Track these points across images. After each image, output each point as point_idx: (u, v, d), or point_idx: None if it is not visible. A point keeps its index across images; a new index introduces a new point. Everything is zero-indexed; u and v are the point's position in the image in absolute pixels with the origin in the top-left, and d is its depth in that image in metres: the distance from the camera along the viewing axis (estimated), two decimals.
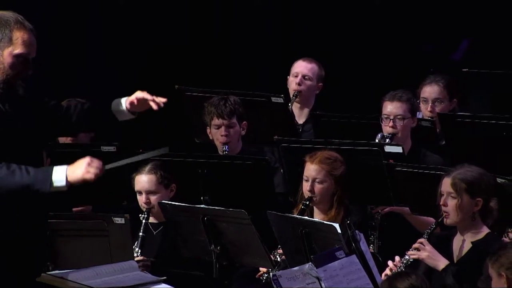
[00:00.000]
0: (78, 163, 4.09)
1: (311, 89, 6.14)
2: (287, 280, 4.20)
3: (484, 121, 5.30)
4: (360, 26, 7.44)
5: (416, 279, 4.01)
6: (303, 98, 6.14)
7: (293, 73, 6.18)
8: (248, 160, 5.38)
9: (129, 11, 7.44)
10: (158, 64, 7.39)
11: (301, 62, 6.16)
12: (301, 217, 4.91)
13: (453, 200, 4.65)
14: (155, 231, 5.29)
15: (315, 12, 7.52)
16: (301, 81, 6.12)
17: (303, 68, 6.12)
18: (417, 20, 7.38)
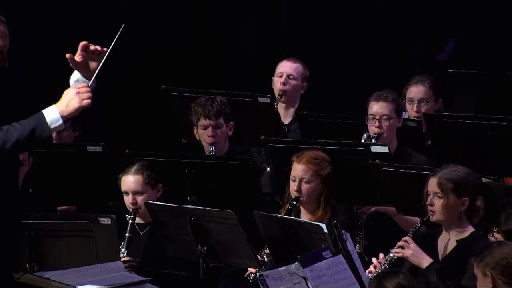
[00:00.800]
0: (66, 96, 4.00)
1: (296, 89, 6.12)
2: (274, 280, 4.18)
3: (469, 121, 5.30)
4: (347, 26, 7.43)
5: (404, 278, 4.00)
6: (288, 98, 6.12)
7: (277, 73, 6.16)
8: (235, 160, 5.36)
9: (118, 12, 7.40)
10: (144, 64, 7.38)
11: (285, 62, 6.14)
12: (288, 217, 4.89)
13: (439, 200, 4.65)
14: (141, 231, 5.26)
15: (301, 12, 7.50)
16: (286, 80, 6.10)
17: (288, 68, 6.10)
18: (404, 20, 7.38)
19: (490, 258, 4.05)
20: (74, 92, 3.99)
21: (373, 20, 7.42)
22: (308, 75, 6.14)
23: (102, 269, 4.30)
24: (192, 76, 7.24)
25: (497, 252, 4.05)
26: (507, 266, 4.03)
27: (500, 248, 4.08)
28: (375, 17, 7.42)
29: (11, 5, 7.08)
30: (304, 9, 7.47)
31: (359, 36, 7.41)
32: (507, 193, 4.78)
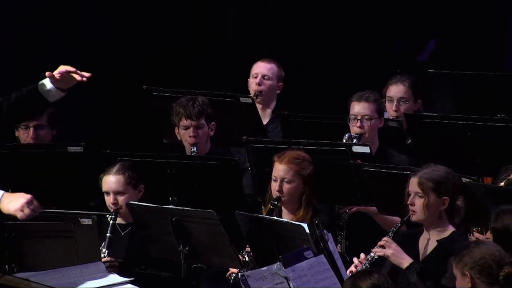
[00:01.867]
0: (17, 196, 4.02)
1: (272, 89, 6.09)
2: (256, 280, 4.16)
3: (449, 121, 5.30)
4: (328, 27, 7.42)
5: (379, 278, 3.97)
6: (265, 98, 6.09)
7: (252, 74, 6.13)
8: (217, 160, 5.32)
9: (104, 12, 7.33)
10: (126, 64, 7.32)
11: (259, 63, 6.12)
12: (270, 217, 4.87)
13: (420, 200, 4.64)
14: (122, 232, 5.21)
15: (283, 13, 7.48)
16: (261, 81, 6.07)
17: (262, 69, 6.07)
18: (386, 20, 7.37)
19: (469, 257, 4.04)
20: (24, 200, 3.99)
21: (355, 20, 7.41)
22: (283, 75, 6.11)
23: (82, 270, 4.23)
24: (173, 76, 7.20)
25: (475, 252, 4.04)
26: (485, 266, 4.01)
27: (478, 248, 4.06)
28: (357, 18, 7.41)
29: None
30: (286, 9, 7.45)
31: (340, 37, 7.40)
32: (487, 193, 4.77)
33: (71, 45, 7.15)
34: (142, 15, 7.35)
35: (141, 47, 7.36)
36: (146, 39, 7.35)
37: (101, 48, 7.29)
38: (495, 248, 4.08)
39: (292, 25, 7.46)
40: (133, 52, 7.34)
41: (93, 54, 7.21)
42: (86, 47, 7.19)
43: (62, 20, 7.16)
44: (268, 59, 6.12)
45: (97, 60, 7.20)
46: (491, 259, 4.02)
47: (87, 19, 7.24)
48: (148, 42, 7.38)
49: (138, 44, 7.36)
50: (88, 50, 7.19)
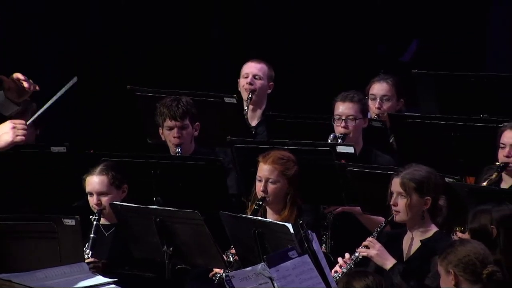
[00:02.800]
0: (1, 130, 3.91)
1: (263, 89, 6.05)
2: (240, 280, 4.12)
3: (433, 121, 5.30)
4: (312, 27, 7.41)
5: (373, 280, 3.96)
6: (256, 99, 6.04)
7: (243, 74, 6.09)
8: (202, 160, 5.28)
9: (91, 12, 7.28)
10: (109, 64, 7.27)
11: (250, 63, 6.08)
12: (254, 217, 4.83)
13: (403, 200, 4.63)
14: (106, 232, 5.16)
15: (268, 13, 7.46)
16: (252, 80, 6.03)
17: (253, 69, 6.03)
18: (369, 21, 7.36)
19: (453, 255, 4.03)
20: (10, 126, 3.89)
21: (339, 21, 7.39)
22: (273, 75, 6.09)
23: (66, 271, 4.17)
24: (158, 76, 7.15)
25: (460, 250, 4.03)
26: (469, 264, 4.01)
27: (463, 246, 4.05)
28: (341, 18, 7.39)
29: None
30: (271, 10, 7.42)
31: (324, 37, 7.39)
32: (470, 192, 4.76)
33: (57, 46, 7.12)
34: (127, 16, 7.33)
35: (125, 47, 7.32)
36: (130, 39, 7.30)
37: (84, 49, 7.25)
38: (480, 247, 4.07)
39: (277, 26, 7.44)
40: (117, 52, 7.29)
41: (76, 55, 7.16)
42: (69, 47, 7.13)
43: (45, 21, 7.13)
44: (258, 59, 6.08)
45: (79, 61, 7.15)
46: (475, 257, 4.02)
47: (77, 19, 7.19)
48: (132, 42, 7.34)
49: (122, 44, 7.31)
50: (72, 50, 7.14)
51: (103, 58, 7.28)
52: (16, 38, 7.02)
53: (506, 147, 4.91)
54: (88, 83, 7.07)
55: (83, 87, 7.07)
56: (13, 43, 6.95)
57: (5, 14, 6.54)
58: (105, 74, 7.22)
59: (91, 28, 7.26)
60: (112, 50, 7.30)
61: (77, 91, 6.92)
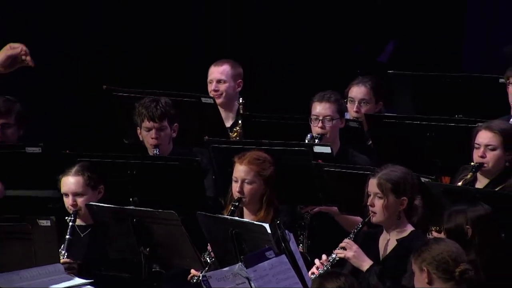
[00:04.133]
0: None
1: (229, 91, 5.98)
2: (217, 280, 4.09)
3: (409, 122, 5.28)
4: (289, 27, 7.38)
5: (346, 281, 3.92)
6: (224, 101, 5.98)
7: (208, 80, 6.05)
8: (178, 161, 5.22)
9: None
10: (86, 64, 7.20)
11: (212, 68, 6.03)
12: (231, 217, 4.78)
13: (379, 200, 4.62)
14: (82, 233, 5.09)
15: (245, 13, 7.41)
16: (216, 86, 5.97)
17: (216, 74, 5.98)
18: (347, 21, 7.34)
19: (427, 253, 4.01)
20: None
21: (316, 22, 7.36)
22: (240, 71, 6.01)
23: (41, 272, 4.10)
24: (136, 75, 7.08)
25: (434, 248, 4.01)
26: (442, 262, 3.99)
27: (437, 245, 4.04)
28: (317, 19, 7.36)
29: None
30: (247, 9, 7.38)
31: (301, 37, 7.35)
32: (445, 192, 4.74)
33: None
34: (105, 15, 7.24)
35: (102, 47, 7.25)
36: (106, 39, 7.23)
37: (62, 48, 7.15)
38: (454, 246, 4.06)
39: (254, 26, 7.39)
40: (94, 52, 7.21)
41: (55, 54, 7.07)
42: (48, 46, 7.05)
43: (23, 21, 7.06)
44: (221, 61, 6.01)
45: (57, 60, 7.05)
46: (448, 255, 4.00)
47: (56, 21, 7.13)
48: (108, 42, 7.26)
49: (99, 44, 7.24)
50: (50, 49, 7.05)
51: (79, 58, 7.20)
52: None
53: (480, 148, 4.89)
54: (64, 83, 6.99)
55: (59, 87, 7.01)
56: None
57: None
58: (80, 74, 7.15)
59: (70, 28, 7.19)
60: (90, 50, 7.20)
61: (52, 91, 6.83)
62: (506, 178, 4.83)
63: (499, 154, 4.84)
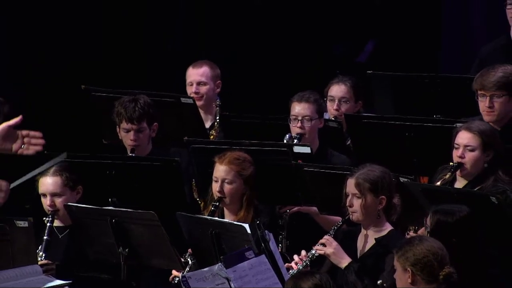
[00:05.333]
0: None
1: (210, 93, 5.91)
2: (197, 281, 4.05)
3: (388, 122, 5.26)
4: (269, 27, 7.33)
5: (320, 279, 3.90)
6: (205, 103, 5.91)
7: (188, 83, 5.97)
8: (158, 161, 5.15)
9: None
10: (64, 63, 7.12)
11: (191, 70, 5.94)
12: (211, 218, 4.74)
13: (358, 200, 4.59)
14: (60, 234, 5.02)
15: (225, 12, 7.37)
16: (197, 89, 5.90)
17: (196, 76, 5.90)
18: (327, 21, 7.32)
19: (411, 253, 3.97)
20: None
21: (295, 21, 7.34)
22: (219, 72, 5.95)
23: (18, 273, 4.02)
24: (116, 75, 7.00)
25: (419, 249, 3.97)
26: (427, 264, 3.95)
27: (422, 245, 4.00)
28: (298, 19, 7.34)
29: None
30: (227, 9, 7.33)
31: (280, 37, 7.32)
32: (423, 192, 4.71)
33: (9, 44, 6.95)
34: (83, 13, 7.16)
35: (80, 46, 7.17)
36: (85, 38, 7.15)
37: (38, 47, 7.06)
38: (438, 246, 4.03)
39: (234, 26, 7.35)
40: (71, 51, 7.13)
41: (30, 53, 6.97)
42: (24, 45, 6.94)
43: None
44: (200, 63, 5.94)
45: (33, 60, 6.94)
46: (434, 258, 3.97)
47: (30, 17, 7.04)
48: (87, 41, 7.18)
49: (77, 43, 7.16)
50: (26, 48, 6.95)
51: (56, 57, 7.11)
52: None
53: (460, 148, 4.86)
54: (41, 83, 6.90)
55: (36, 87, 6.90)
56: None
57: None
58: (58, 74, 7.06)
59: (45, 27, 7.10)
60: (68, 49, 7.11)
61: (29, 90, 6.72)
62: (485, 179, 4.80)
63: (478, 155, 4.81)
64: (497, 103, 5.06)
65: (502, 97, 5.05)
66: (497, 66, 5.12)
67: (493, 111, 5.06)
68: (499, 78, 5.04)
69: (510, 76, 5.07)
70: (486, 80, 5.05)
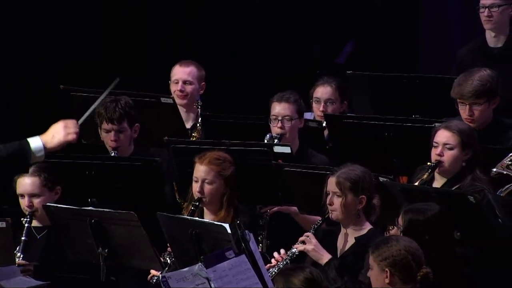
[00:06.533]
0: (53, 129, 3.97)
1: (194, 93, 5.85)
2: (177, 281, 3.97)
3: (367, 122, 5.23)
4: (249, 27, 7.29)
5: (310, 272, 3.86)
6: (188, 102, 5.84)
7: (173, 80, 5.87)
8: (138, 161, 5.08)
9: None
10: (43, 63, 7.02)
11: (178, 68, 5.84)
12: (191, 218, 4.68)
13: (338, 199, 4.57)
14: (38, 235, 4.94)
15: (204, 13, 7.30)
16: (183, 87, 5.82)
17: (182, 74, 5.81)
18: (306, 22, 7.29)
19: (390, 254, 3.94)
20: (61, 126, 3.94)
21: (275, 22, 7.30)
22: (204, 74, 5.88)
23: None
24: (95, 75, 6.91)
25: (397, 250, 3.94)
26: (406, 265, 3.92)
27: (399, 245, 3.95)
28: (277, 19, 7.30)
29: None
30: (207, 9, 7.28)
31: (260, 37, 7.27)
32: (403, 192, 4.68)
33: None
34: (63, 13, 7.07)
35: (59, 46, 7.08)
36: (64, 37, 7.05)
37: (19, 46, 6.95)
38: (414, 246, 3.99)
39: (215, 25, 7.30)
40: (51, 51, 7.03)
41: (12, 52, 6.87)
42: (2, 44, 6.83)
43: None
44: (186, 62, 5.86)
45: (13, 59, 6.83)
46: (412, 258, 3.94)
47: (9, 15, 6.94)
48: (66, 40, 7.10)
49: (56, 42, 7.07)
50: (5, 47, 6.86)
51: (36, 57, 7.01)
52: None
53: (439, 146, 4.84)
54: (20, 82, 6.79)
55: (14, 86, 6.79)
56: None
57: None
58: (37, 74, 6.96)
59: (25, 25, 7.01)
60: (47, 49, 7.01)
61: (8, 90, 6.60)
62: (463, 178, 4.78)
63: (457, 154, 4.79)
64: (477, 111, 5.05)
65: (481, 105, 5.04)
66: (474, 72, 5.09)
67: (473, 119, 5.04)
68: (476, 87, 5.02)
69: (487, 83, 5.03)
70: (464, 90, 5.03)
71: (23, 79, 6.86)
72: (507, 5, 5.75)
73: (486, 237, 4.50)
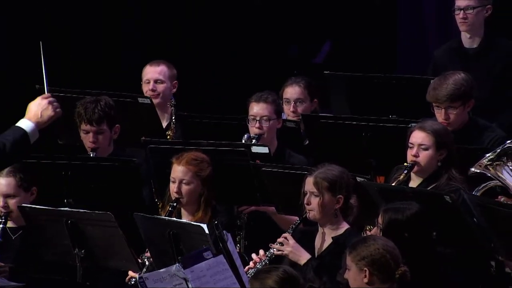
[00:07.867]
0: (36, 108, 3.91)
1: (166, 92, 5.78)
2: (154, 282, 3.91)
3: (345, 122, 5.20)
4: (226, 28, 7.23)
5: (284, 271, 3.78)
6: (161, 102, 5.76)
7: (144, 80, 5.82)
8: (115, 161, 4.99)
9: None
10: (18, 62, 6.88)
11: (149, 67, 5.79)
12: (169, 218, 4.60)
13: (315, 199, 4.52)
14: (13, 235, 4.84)
15: (183, 13, 7.22)
16: (154, 86, 5.76)
17: (153, 73, 5.76)
18: (282, 22, 7.23)
19: (368, 253, 3.89)
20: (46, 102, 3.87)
21: (251, 22, 7.24)
22: (175, 73, 5.81)
23: None
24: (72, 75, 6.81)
25: (375, 249, 3.89)
26: (385, 264, 3.87)
27: (377, 244, 3.91)
28: (254, 19, 7.25)
29: None
30: (183, 10, 7.19)
31: (238, 38, 7.22)
32: (380, 192, 4.65)
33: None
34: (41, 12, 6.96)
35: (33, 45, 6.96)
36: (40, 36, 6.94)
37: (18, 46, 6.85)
38: (391, 245, 3.94)
39: (189, 26, 7.22)
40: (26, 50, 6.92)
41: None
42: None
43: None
44: (157, 62, 5.80)
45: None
46: (390, 257, 3.89)
47: None
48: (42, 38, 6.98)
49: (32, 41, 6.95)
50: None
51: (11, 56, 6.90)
52: None
53: (414, 147, 4.81)
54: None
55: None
56: None
57: None
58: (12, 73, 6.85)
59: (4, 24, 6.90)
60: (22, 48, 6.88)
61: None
62: (438, 177, 4.75)
63: (432, 154, 4.76)
64: (452, 115, 5.04)
65: (457, 109, 5.03)
66: (448, 76, 5.08)
67: (449, 122, 5.03)
68: (451, 91, 5.01)
69: (461, 87, 5.02)
70: (439, 94, 5.02)
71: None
72: (482, 7, 5.75)
73: (462, 237, 4.48)
